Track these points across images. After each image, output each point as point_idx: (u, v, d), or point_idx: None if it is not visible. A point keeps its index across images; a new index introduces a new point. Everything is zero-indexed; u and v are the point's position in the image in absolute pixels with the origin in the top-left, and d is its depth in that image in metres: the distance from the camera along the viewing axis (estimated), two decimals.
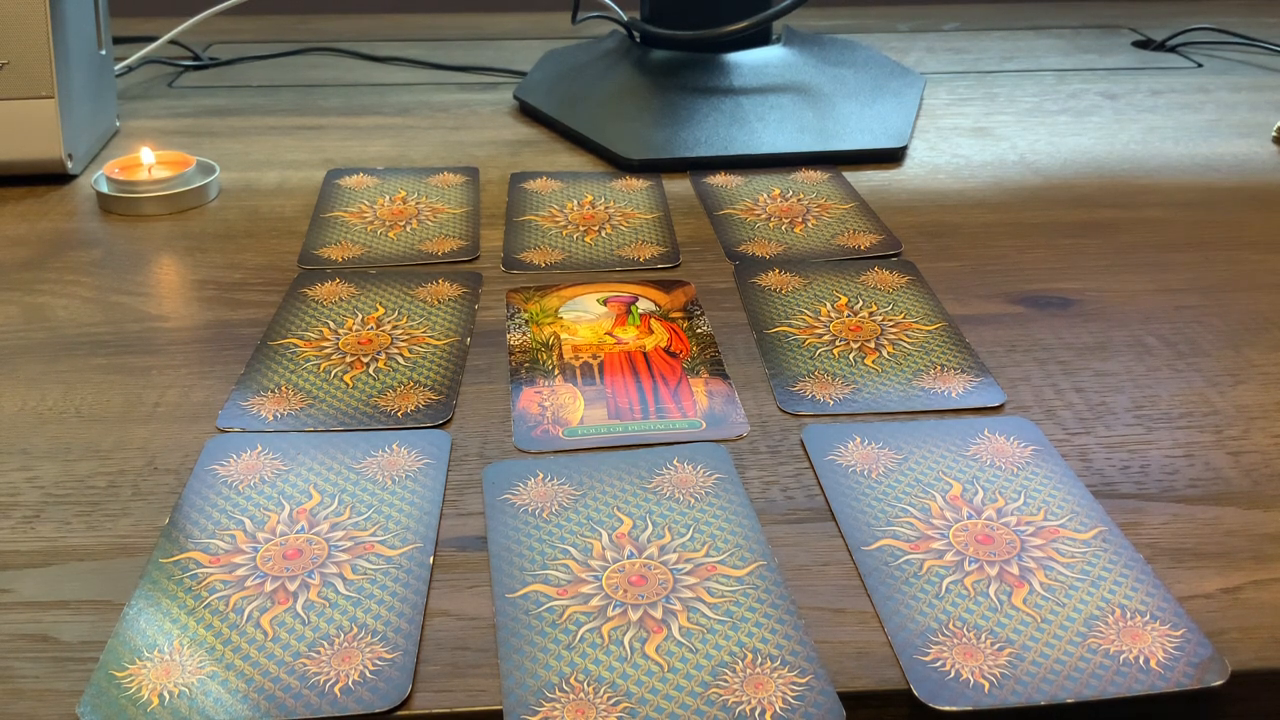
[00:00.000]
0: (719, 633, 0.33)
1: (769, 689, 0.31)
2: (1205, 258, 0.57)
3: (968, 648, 0.33)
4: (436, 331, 0.50)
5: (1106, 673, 0.32)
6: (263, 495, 0.39)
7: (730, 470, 0.41)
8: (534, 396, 0.45)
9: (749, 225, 0.61)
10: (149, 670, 0.32)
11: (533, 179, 0.68)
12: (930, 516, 0.38)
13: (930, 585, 0.35)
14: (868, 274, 0.55)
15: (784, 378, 0.46)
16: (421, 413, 0.44)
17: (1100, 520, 0.38)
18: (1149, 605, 0.34)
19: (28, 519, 0.39)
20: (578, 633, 0.33)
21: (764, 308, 0.52)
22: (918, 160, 0.72)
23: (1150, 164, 0.71)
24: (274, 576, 0.36)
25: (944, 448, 0.42)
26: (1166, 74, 0.90)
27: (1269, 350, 0.49)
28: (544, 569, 0.36)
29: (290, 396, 0.45)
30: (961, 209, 0.64)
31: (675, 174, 0.69)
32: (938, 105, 0.82)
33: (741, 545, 0.37)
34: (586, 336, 0.50)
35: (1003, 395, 0.45)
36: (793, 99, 0.74)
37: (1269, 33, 0.99)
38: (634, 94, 0.76)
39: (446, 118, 0.81)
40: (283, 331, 0.50)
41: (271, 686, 0.31)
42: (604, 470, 0.41)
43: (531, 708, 0.31)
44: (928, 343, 0.49)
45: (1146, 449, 0.42)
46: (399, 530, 0.38)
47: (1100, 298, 0.53)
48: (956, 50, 0.98)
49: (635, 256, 0.58)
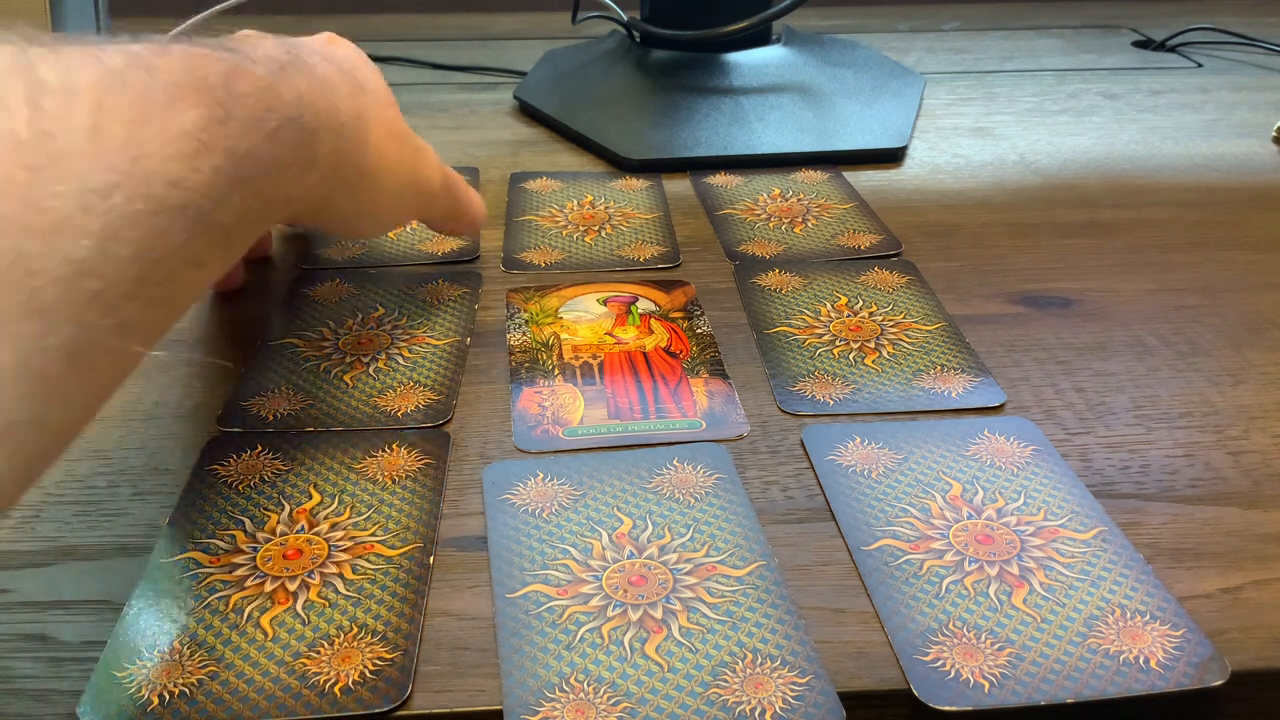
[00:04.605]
0: (719, 633, 0.33)
1: (769, 689, 0.31)
2: (1205, 258, 0.57)
3: (968, 648, 0.33)
4: (436, 331, 0.50)
5: (1106, 673, 0.32)
6: (263, 495, 0.39)
7: (730, 470, 0.41)
8: (534, 396, 0.45)
9: (749, 225, 0.61)
10: (149, 670, 0.32)
11: (533, 179, 0.68)
12: (930, 516, 0.38)
13: (930, 585, 0.35)
14: (868, 274, 0.55)
15: (784, 378, 0.46)
16: (421, 413, 0.44)
17: (1100, 520, 0.38)
18: (1149, 605, 0.34)
19: (28, 519, 0.39)
20: (578, 633, 0.33)
21: (764, 308, 0.52)
22: (918, 160, 0.72)
23: (1150, 164, 0.71)
24: (274, 576, 0.36)
25: (944, 448, 0.42)
26: (1166, 74, 0.90)
27: (1269, 350, 0.49)
28: (544, 569, 0.36)
29: (290, 396, 0.45)
30: (961, 209, 0.64)
31: (675, 174, 0.69)
32: (938, 105, 0.82)
33: (741, 545, 0.37)
34: (586, 336, 0.50)
35: (1003, 395, 0.45)
36: (793, 99, 0.74)
37: (1269, 33, 0.99)
38: (634, 94, 0.76)
39: (446, 118, 0.81)
40: (283, 331, 0.50)
41: (271, 686, 0.31)
42: (604, 470, 0.41)
43: (531, 708, 0.31)
44: (928, 343, 0.49)
45: (1146, 449, 0.42)
46: (399, 530, 0.38)
47: (1100, 298, 0.53)
48: (956, 50, 0.98)
49: (635, 256, 0.58)
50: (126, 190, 0.28)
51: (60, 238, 0.26)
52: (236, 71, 0.34)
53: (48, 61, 0.27)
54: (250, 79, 0.35)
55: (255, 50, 0.37)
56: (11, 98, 0.26)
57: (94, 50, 0.29)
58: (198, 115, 0.31)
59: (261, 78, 0.35)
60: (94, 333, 0.27)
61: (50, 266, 0.26)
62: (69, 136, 0.27)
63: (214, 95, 0.32)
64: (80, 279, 0.26)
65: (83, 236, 0.26)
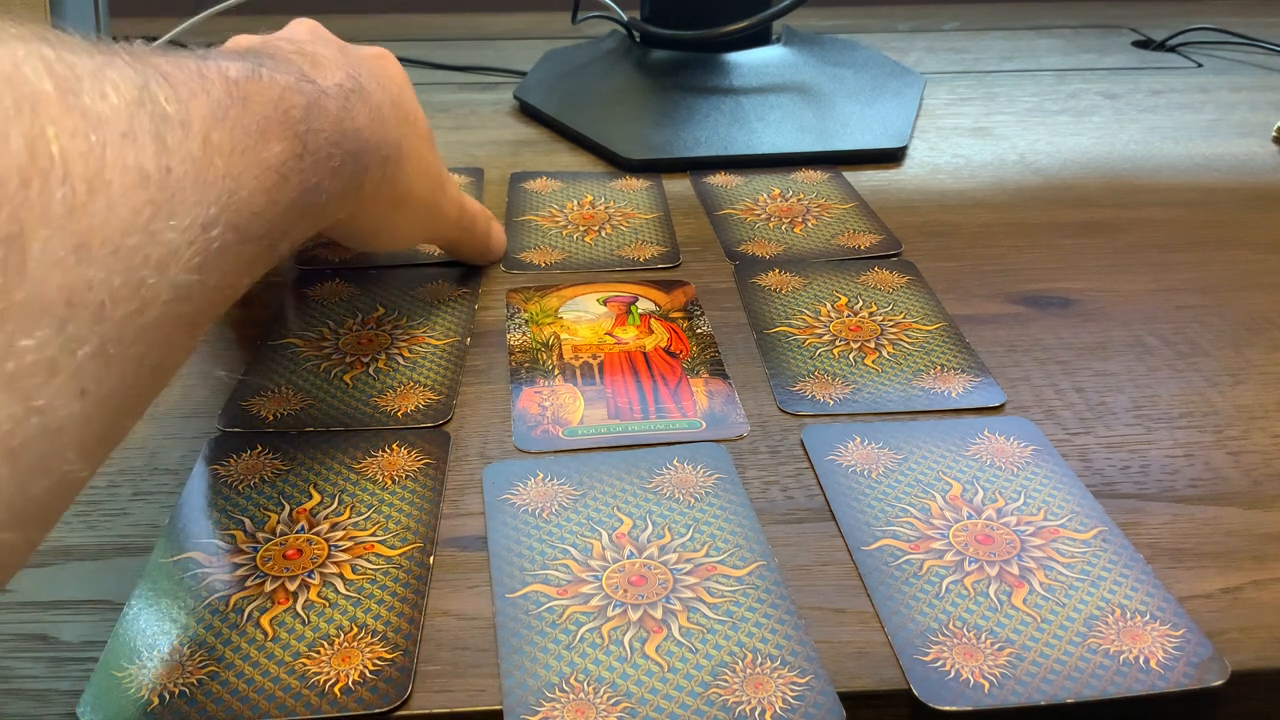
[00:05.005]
0: (719, 633, 0.33)
1: (769, 689, 0.31)
2: (1205, 258, 0.57)
3: (968, 648, 0.33)
4: (436, 331, 0.50)
5: (1106, 673, 0.32)
6: (263, 495, 0.39)
7: (730, 470, 0.41)
8: (534, 396, 0.45)
9: (749, 225, 0.61)
10: (149, 670, 0.32)
11: (533, 179, 0.68)
12: (930, 516, 0.38)
13: (930, 585, 0.35)
14: (868, 274, 0.55)
15: (784, 378, 0.46)
16: (421, 413, 0.44)
17: (1100, 520, 0.38)
18: (1149, 605, 0.34)
19: None
20: (578, 633, 0.33)
21: (764, 308, 0.52)
22: (918, 160, 0.72)
23: (1150, 164, 0.71)
24: (274, 576, 0.36)
25: (944, 448, 0.42)
26: (1166, 74, 0.90)
27: (1269, 350, 0.49)
28: (544, 569, 0.36)
29: (290, 396, 0.45)
30: (961, 209, 0.64)
31: (675, 174, 0.69)
32: (938, 105, 0.82)
33: (741, 545, 0.37)
34: (586, 336, 0.50)
35: (1003, 395, 0.45)
36: (793, 99, 0.74)
37: (1269, 33, 0.99)
38: (634, 94, 0.76)
39: (446, 118, 0.81)
40: (283, 331, 0.50)
41: (271, 686, 0.31)
42: (604, 470, 0.41)
43: (531, 708, 0.31)
44: (928, 343, 0.49)
45: (1146, 449, 0.42)
46: (399, 530, 0.38)
47: (1100, 298, 0.53)
48: (956, 50, 0.98)
49: (635, 256, 0.58)
50: (223, 223, 0.30)
51: (170, 268, 0.27)
52: (315, 106, 0.36)
53: (166, 93, 0.29)
54: (326, 116, 0.37)
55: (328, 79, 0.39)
56: (141, 133, 0.27)
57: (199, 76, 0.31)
58: (281, 149, 0.33)
59: (333, 112, 0.37)
60: (175, 351, 0.29)
61: (159, 294, 0.27)
62: (184, 171, 0.28)
63: (295, 130, 0.34)
64: (178, 304, 0.28)
65: (186, 268, 0.28)
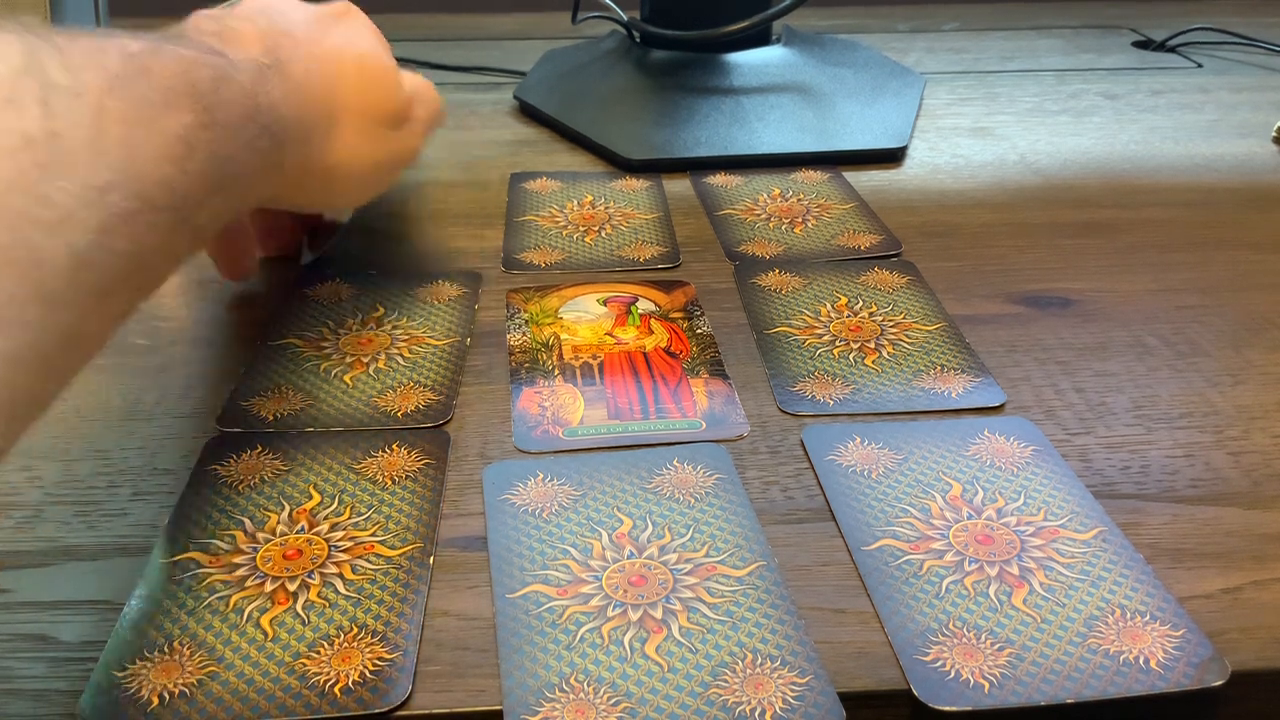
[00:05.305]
0: (719, 633, 0.33)
1: (769, 689, 0.31)
2: (1205, 258, 0.57)
3: (968, 648, 0.33)
4: (436, 331, 0.50)
5: (1106, 673, 0.32)
6: (263, 495, 0.39)
7: (730, 470, 0.41)
8: (534, 397, 0.45)
9: (749, 225, 0.61)
10: (149, 670, 0.32)
11: (533, 179, 0.68)
12: (930, 517, 0.38)
13: (930, 585, 0.35)
14: (868, 274, 0.55)
15: (784, 378, 0.46)
16: (421, 413, 0.44)
17: (1100, 520, 0.38)
18: (1149, 605, 0.34)
19: (28, 519, 0.39)
20: (578, 633, 0.33)
21: (764, 308, 0.52)
22: (918, 160, 0.72)
23: (1150, 164, 0.71)
24: (274, 577, 0.36)
25: (944, 448, 0.42)
26: (1166, 74, 0.90)
27: (1269, 350, 0.49)
28: (544, 569, 0.36)
29: (290, 396, 0.45)
30: (961, 209, 0.64)
31: (675, 174, 0.69)
32: (938, 105, 0.82)
33: (741, 545, 0.37)
34: (586, 337, 0.50)
35: (1003, 395, 0.45)
36: (793, 99, 0.74)
37: (1269, 33, 0.99)
38: (634, 94, 0.76)
39: (446, 118, 0.81)
40: (282, 331, 0.50)
41: (271, 687, 0.31)
42: (604, 470, 0.41)
43: (531, 708, 0.31)
44: (928, 343, 0.49)
45: (1146, 449, 0.42)
46: (399, 530, 0.38)
47: (1100, 298, 0.53)
48: (956, 50, 0.98)
49: (635, 257, 0.58)
50: (123, 189, 0.30)
51: (64, 231, 0.28)
52: (224, 79, 0.36)
53: (57, 62, 0.29)
54: (235, 86, 0.37)
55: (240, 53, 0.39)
56: (26, 98, 0.28)
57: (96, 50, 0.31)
58: (188, 120, 0.33)
59: (244, 85, 0.38)
60: (88, 320, 0.29)
61: (55, 257, 0.27)
62: (74, 136, 0.29)
63: (203, 101, 0.34)
64: (80, 270, 0.28)
65: (84, 231, 0.28)
